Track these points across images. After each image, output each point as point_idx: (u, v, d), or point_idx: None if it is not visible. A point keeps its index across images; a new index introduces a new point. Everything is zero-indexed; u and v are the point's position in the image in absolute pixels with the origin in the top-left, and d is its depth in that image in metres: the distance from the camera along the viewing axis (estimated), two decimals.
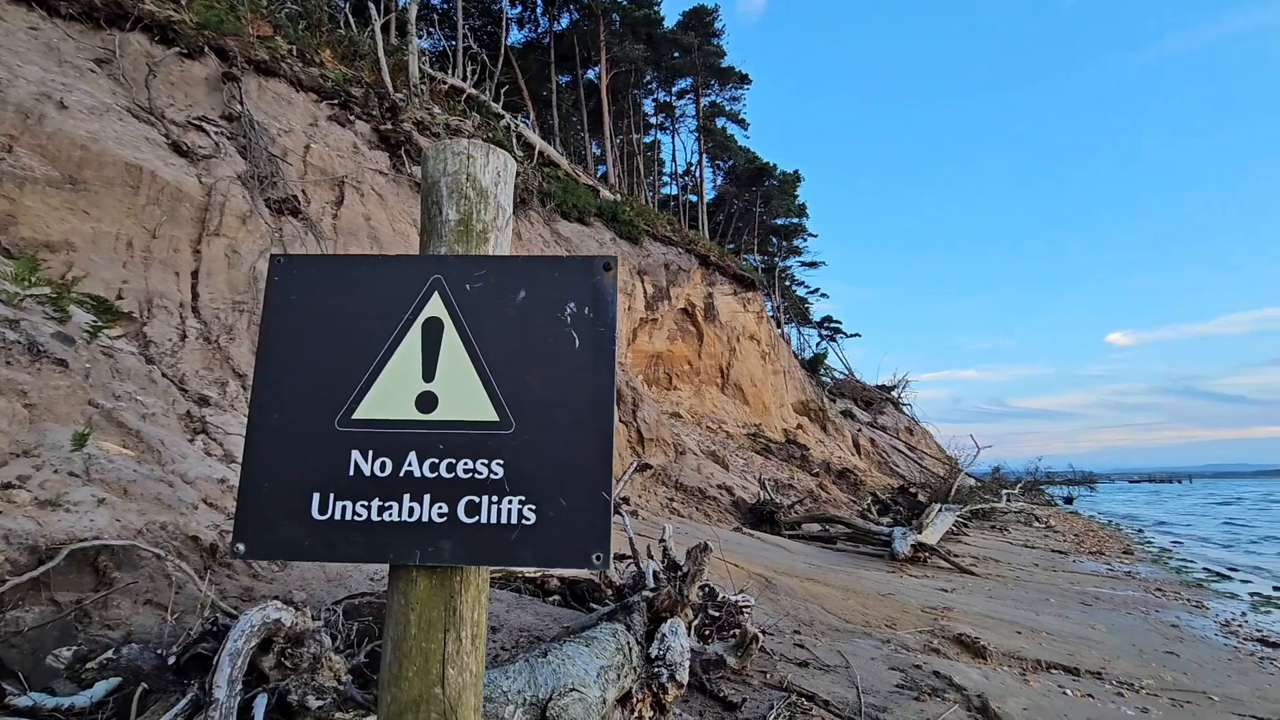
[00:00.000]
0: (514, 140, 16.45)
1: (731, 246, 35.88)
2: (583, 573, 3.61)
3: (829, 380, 37.05)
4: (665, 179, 36.73)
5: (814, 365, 33.10)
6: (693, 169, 32.98)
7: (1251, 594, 8.11)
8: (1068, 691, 3.58)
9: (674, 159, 35.42)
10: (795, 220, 38.29)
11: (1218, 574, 9.97)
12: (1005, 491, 19.07)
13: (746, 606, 3.67)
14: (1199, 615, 6.45)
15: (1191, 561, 11.51)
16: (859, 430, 29.04)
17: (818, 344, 49.13)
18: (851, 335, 50.54)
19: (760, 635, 2.69)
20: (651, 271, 18.60)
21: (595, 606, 3.37)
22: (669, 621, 2.01)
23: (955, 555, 8.90)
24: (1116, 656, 4.50)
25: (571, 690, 0.98)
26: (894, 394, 47.15)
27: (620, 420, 10.39)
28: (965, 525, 13.44)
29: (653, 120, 32.88)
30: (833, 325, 50.36)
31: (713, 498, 9.42)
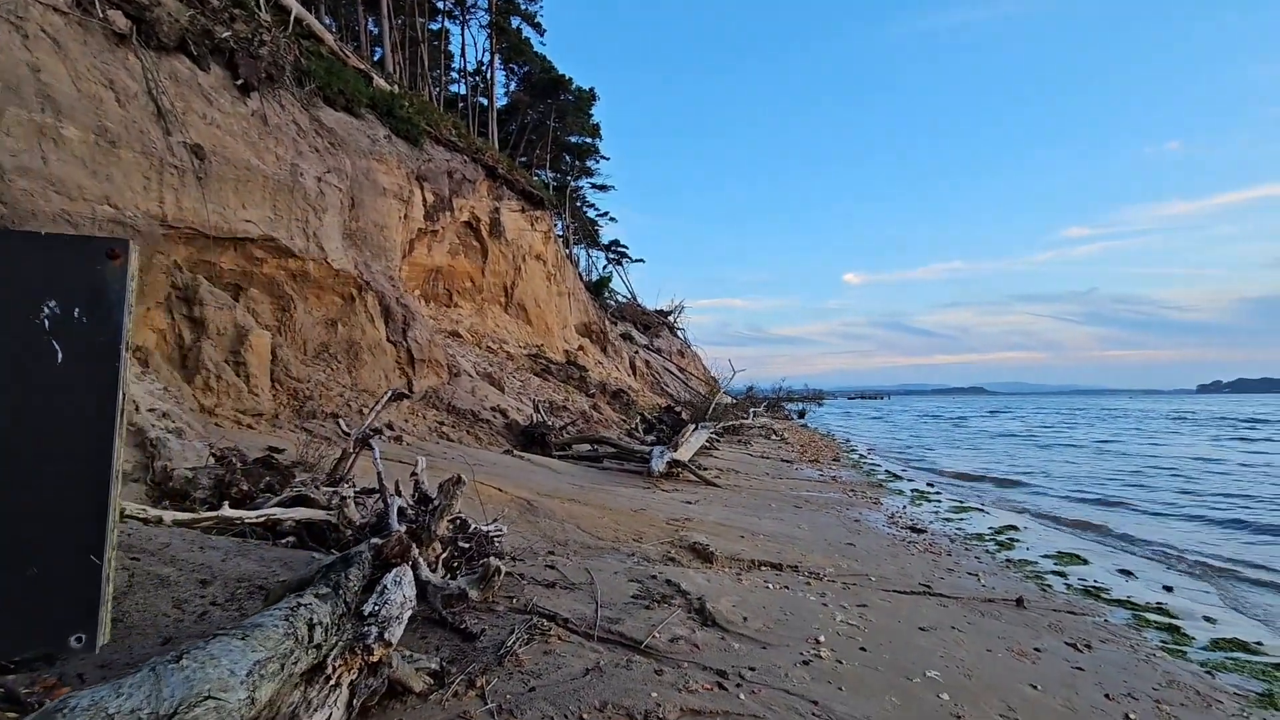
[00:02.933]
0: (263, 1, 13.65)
1: (524, 160, 34.55)
2: (320, 513, 3.36)
3: (612, 303, 38.42)
4: (454, 75, 33.70)
5: (599, 288, 33.94)
6: (484, 69, 30.62)
7: (913, 490, 10.39)
8: (770, 585, 4.27)
9: (463, 55, 32.52)
10: (589, 140, 37.89)
11: (895, 475, 12.59)
12: (752, 409, 21.76)
13: (498, 536, 3.74)
14: (875, 510, 8.10)
15: (878, 465, 14.37)
16: (636, 352, 30.75)
17: (604, 267, 50.21)
18: (636, 260, 52.49)
19: (501, 569, 2.76)
20: (433, 178, 17.15)
21: (335, 551, 3.18)
22: (394, 571, 1.94)
23: (704, 469, 10.00)
24: (811, 551, 5.47)
25: (207, 698, 0.87)
26: (670, 319, 50.44)
27: (389, 340, 9.71)
28: (718, 441, 15.14)
29: (440, 5, 29.59)
30: (620, 249, 51.76)
31: (486, 420, 9.36)
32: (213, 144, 7.79)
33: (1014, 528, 7.63)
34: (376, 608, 1.64)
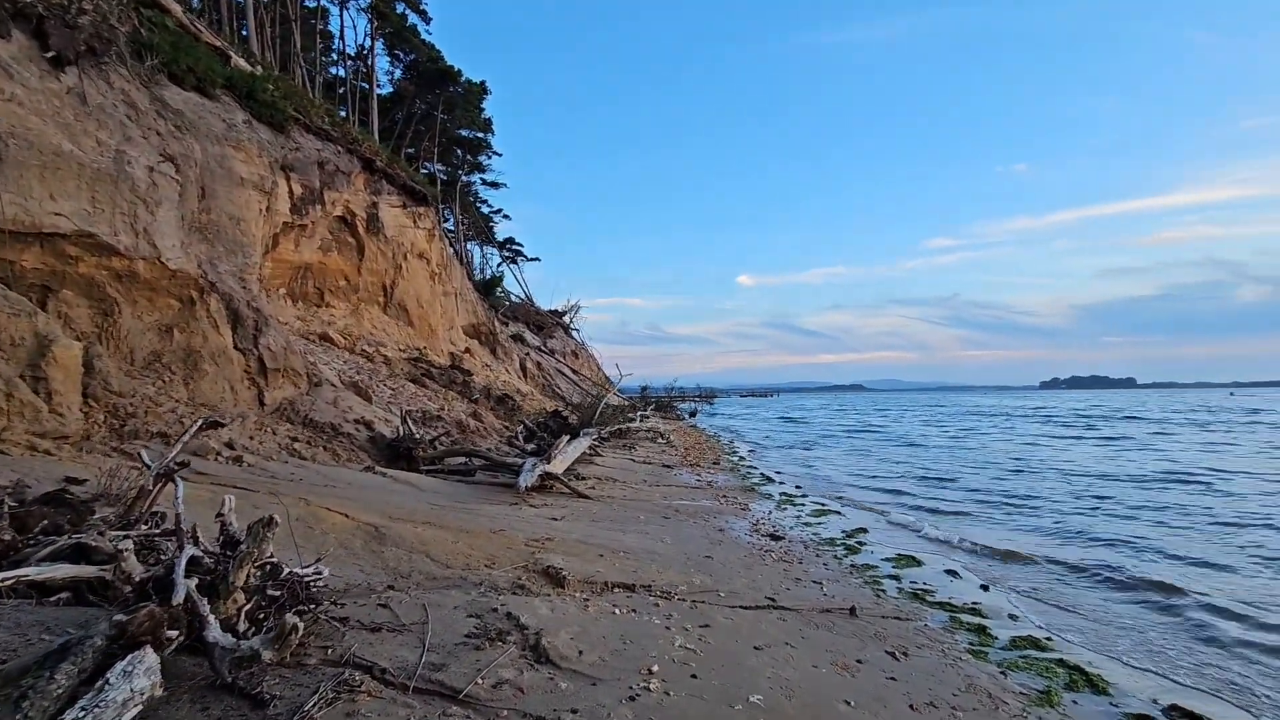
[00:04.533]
0: None
1: (410, 152, 33.06)
2: (90, 570, 2.96)
3: (506, 302, 37.60)
4: (334, 58, 31.64)
5: (489, 287, 33.12)
6: (365, 53, 28.95)
7: (781, 494, 10.86)
8: (618, 610, 4.26)
9: (342, 37, 30.62)
10: (480, 135, 36.84)
11: (768, 478, 13.13)
12: (640, 412, 22.00)
13: (316, 580, 3.48)
14: (741, 518, 8.38)
15: (755, 467, 14.94)
16: (528, 354, 30.27)
17: (498, 265, 49.08)
18: (532, 259, 51.68)
19: (299, 626, 2.55)
20: (301, 169, 15.95)
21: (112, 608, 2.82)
22: (127, 659, 1.71)
23: (582, 479, 9.96)
24: (669, 567, 5.55)
25: None
26: (566, 318, 50.10)
27: (238, 347, 8.91)
28: (602, 445, 15.16)
29: None
30: (514, 247, 50.78)
31: (347, 434, 8.82)
32: (11, 124, 6.80)
33: (864, 530, 8.15)
34: (81, 714, 1.43)
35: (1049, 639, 4.62)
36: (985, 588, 5.89)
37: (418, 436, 9.07)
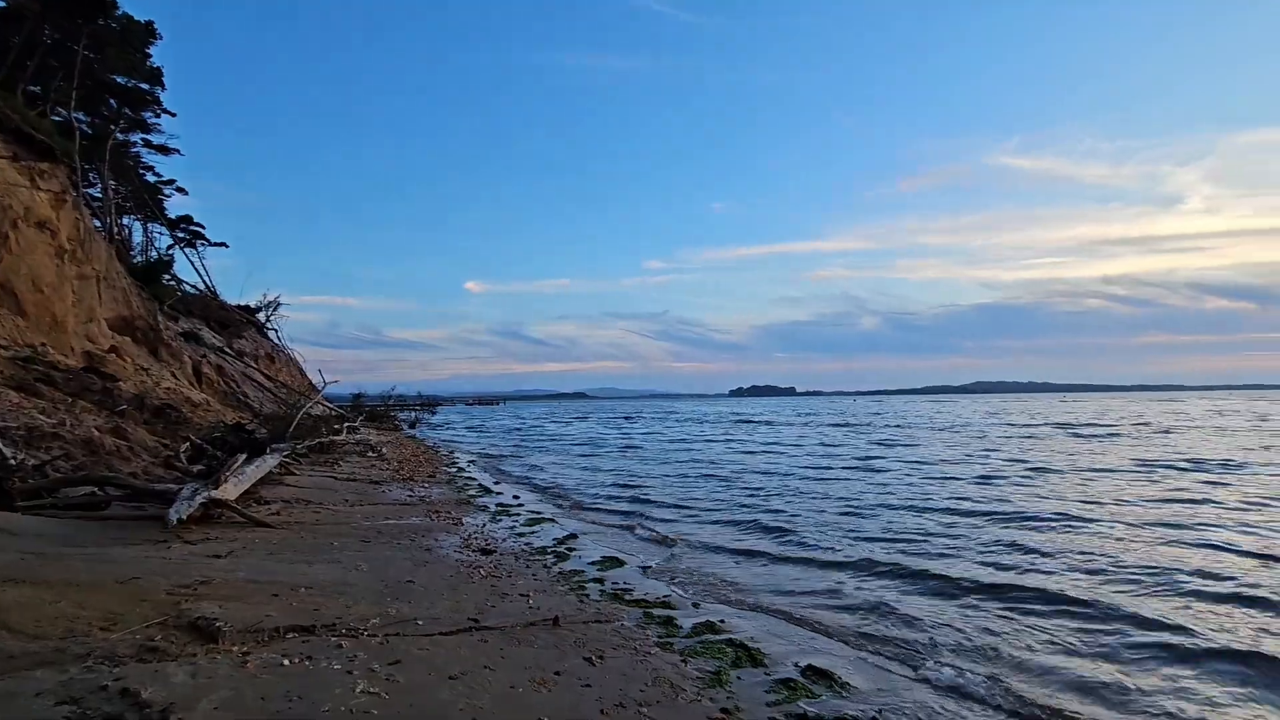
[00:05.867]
0: None
1: (35, 89, 25.56)
2: None
3: (178, 293, 31.04)
4: None
5: (151, 273, 27.07)
6: None
7: (498, 505, 10.70)
8: (288, 661, 3.64)
9: None
10: (145, 87, 29.98)
11: (486, 489, 12.86)
12: (348, 423, 19.96)
13: None
14: (453, 534, 8.00)
15: (474, 478, 14.55)
16: (205, 356, 25.41)
17: (169, 247, 40.70)
18: (217, 244, 43.86)
19: None
20: None
21: None
22: None
23: (265, 503, 8.57)
24: (361, 600, 4.98)
25: None
26: (261, 316, 43.42)
27: None
28: (298, 462, 13.33)
29: None
30: (193, 228, 42.49)
31: None
32: None
33: (575, 536, 8.41)
34: None
35: (722, 622, 5.21)
36: (676, 578, 6.47)
37: (13, 462, 6.82)
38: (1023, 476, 14.22)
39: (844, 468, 16.52)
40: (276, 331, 43.38)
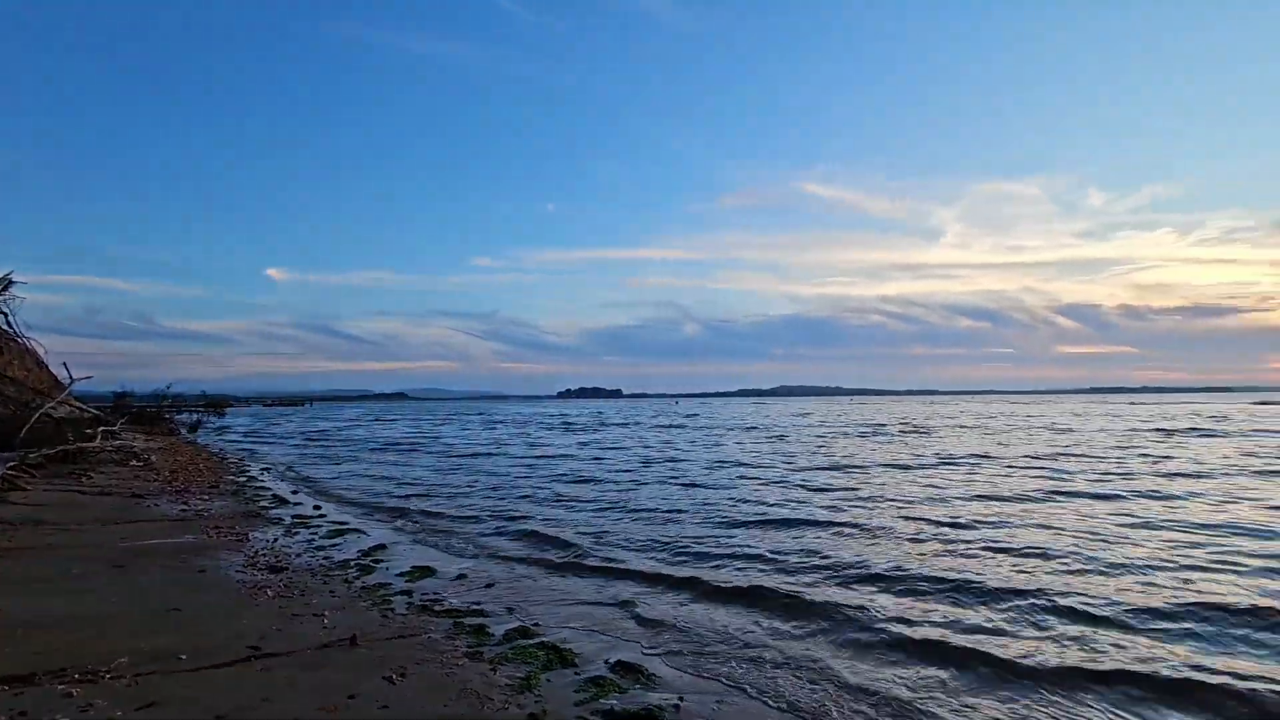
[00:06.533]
0: None
1: None
2: None
3: None
4: None
5: None
6: None
7: (294, 517, 9.67)
8: None
9: None
10: None
11: (282, 499, 11.58)
12: (104, 427, 16.92)
13: None
14: (236, 552, 7.08)
15: (268, 488, 13.04)
16: None
17: None
18: None
19: None
20: None
21: None
22: None
23: None
24: (106, 634, 4.23)
25: None
26: None
27: None
28: (32, 474, 11.05)
29: None
30: None
31: None
32: None
33: (384, 546, 7.88)
34: None
35: (536, 625, 5.18)
36: (491, 585, 6.30)
37: None
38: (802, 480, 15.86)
39: (614, 470, 16.93)
40: (6, 316, 35.53)
